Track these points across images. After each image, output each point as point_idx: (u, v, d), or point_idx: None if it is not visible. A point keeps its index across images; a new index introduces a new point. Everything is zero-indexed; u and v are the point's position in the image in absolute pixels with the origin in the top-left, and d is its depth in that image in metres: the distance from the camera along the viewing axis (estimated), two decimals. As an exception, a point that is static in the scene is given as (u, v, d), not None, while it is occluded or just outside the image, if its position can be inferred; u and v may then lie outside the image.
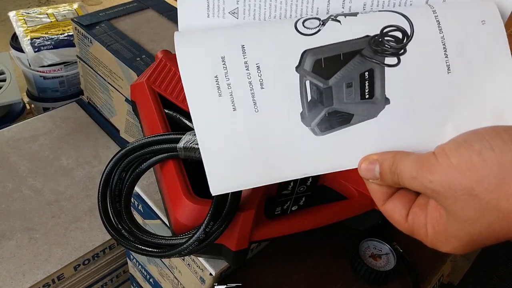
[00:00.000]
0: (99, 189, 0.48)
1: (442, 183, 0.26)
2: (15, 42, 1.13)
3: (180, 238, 0.44)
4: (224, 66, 0.31)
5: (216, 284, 0.55)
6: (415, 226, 0.30)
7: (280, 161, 0.31)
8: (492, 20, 0.30)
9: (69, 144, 0.89)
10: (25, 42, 1.07)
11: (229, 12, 0.33)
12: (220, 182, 0.32)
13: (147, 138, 0.47)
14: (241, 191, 0.45)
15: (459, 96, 0.30)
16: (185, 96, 0.32)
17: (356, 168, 0.53)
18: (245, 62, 0.31)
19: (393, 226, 0.66)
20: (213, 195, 0.32)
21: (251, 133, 0.31)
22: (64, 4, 1.24)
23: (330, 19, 0.31)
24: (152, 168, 0.50)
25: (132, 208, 0.51)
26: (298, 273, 0.59)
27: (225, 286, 0.55)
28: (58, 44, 1.08)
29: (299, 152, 0.31)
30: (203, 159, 0.32)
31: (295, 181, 0.51)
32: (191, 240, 0.42)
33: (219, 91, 0.31)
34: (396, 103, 0.31)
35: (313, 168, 0.31)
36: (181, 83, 0.60)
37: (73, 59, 1.09)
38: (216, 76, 0.31)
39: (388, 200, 0.31)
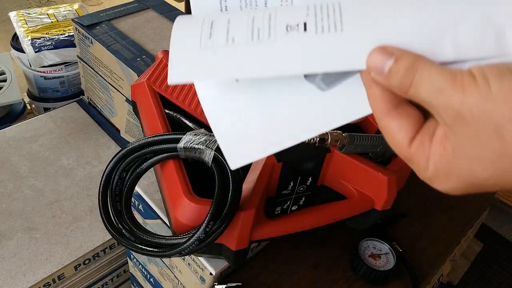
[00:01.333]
0: (99, 189, 0.48)
1: (473, 108, 0.22)
2: (15, 43, 1.13)
3: (180, 238, 0.44)
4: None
5: (216, 283, 0.55)
6: (415, 155, 0.25)
7: (292, 124, 0.30)
8: None
9: (70, 144, 0.90)
10: (25, 43, 1.07)
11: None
12: (237, 156, 0.31)
13: (148, 138, 0.47)
14: (240, 191, 0.45)
15: None
16: (185, 96, 0.32)
17: (355, 167, 0.53)
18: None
19: (392, 226, 0.67)
20: (232, 169, 0.31)
21: (258, 101, 0.31)
22: (64, 5, 1.24)
23: None
24: (152, 168, 0.50)
25: (132, 208, 0.51)
26: (298, 272, 0.60)
27: (225, 285, 0.55)
28: (59, 45, 1.08)
29: (310, 111, 0.29)
30: (215, 136, 0.31)
31: (295, 181, 0.51)
32: (191, 240, 0.42)
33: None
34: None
35: (327, 123, 0.29)
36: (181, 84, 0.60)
37: (74, 59, 1.09)
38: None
39: (391, 114, 0.25)
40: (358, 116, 0.28)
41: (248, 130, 0.31)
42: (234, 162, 0.31)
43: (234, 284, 0.55)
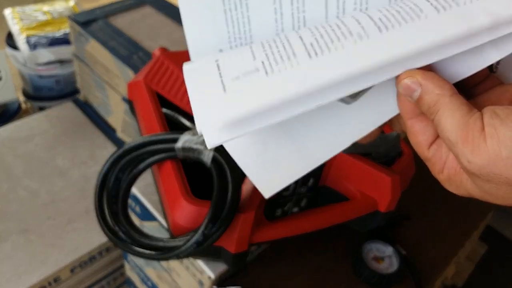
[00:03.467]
0: (95, 190, 0.48)
1: (480, 169, 0.24)
2: (10, 40, 1.12)
3: (178, 240, 0.44)
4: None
5: (215, 287, 0.54)
6: (433, 158, 0.27)
7: (321, 142, 0.30)
8: None
9: (65, 144, 0.89)
10: (20, 40, 1.06)
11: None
12: (269, 184, 0.31)
13: (145, 138, 0.47)
14: (240, 192, 0.45)
15: None
16: (183, 95, 0.31)
17: (358, 168, 0.52)
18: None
19: (396, 228, 0.66)
20: (266, 198, 0.31)
21: (282, 127, 0.30)
22: (60, 1, 1.23)
23: None
24: (149, 168, 0.49)
25: (129, 210, 0.50)
26: (299, 276, 0.59)
27: (225, 289, 0.54)
28: (54, 42, 1.07)
29: (338, 125, 0.30)
30: (245, 173, 0.31)
31: (295, 181, 0.50)
32: (189, 243, 0.42)
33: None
34: None
35: (356, 134, 0.29)
36: (179, 81, 0.59)
37: (69, 57, 1.08)
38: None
39: (418, 117, 0.28)
40: (385, 120, 0.29)
41: (276, 157, 0.30)
42: (267, 191, 0.31)
43: (233, 288, 0.55)
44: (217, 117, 0.26)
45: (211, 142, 0.26)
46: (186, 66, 0.29)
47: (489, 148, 0.23)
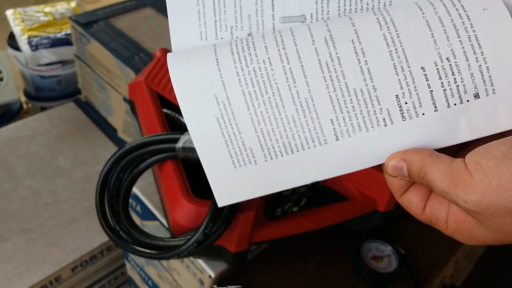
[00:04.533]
0: (97, 190, 0.48)
1: (478, 204, 0.24)
2: (12, 41, 1.12)
3: (179, 240, 0.44)
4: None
5: (216, 286, 0.54)
6: (433, 218, 0.29)
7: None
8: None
9: (67, 144, 0.89)
10: (22, 41, 1.07)
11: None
12: (225, 197, 0.33)
13: (145, 138, 0.47)
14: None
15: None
16: None
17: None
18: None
19: (395, 227, 0.66)
20: (219, 206, 0.33)
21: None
22: (61, 2, 1.23)
23: None
24: (150, 168, 0.49)
25: (130, 209, 0.50)
26: (298, 275, 0.59)
27: (225, 288, 0.54)
28: (56, 43, 1.07)
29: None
30: (206, 174, 0.32)
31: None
32: (190, 242, 0.42)
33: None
34: None
35: (327, 172, 0.31)
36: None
37: (71, 58, 1.08)
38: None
39: (404, 195, 0.31)
40: (366, 166, 0.31)
41: (242, 171, 0.31)
42: (222, 201, 0.33)
43: (233, 287, 0.55)
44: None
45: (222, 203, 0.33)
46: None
47: (477, 181, 0.24)
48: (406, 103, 0.29)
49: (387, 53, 0.29)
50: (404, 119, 0.29)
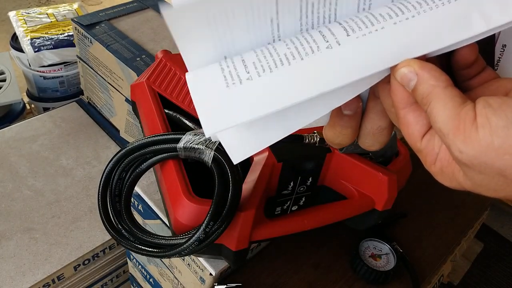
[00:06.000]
0: (99, 189, 0.48)
1: (472, 160, 0.23)
2: (15, 42, 1.13)
3: (180, 238, 0.44)
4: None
5: (216, 284, 0.55)
6: (426, 149, 0.27)
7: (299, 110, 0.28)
8: None
9: (69, 144, 0.89)
10: (25, 42, 1.07)
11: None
12: (239, 150, 0.28)
13: (147, 138, 0.47)
14: (240, 191, 0.45)
15: None
16: (185, 96, 0.32)
17: (356, 168, 0.53)
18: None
19: (393, 226, 0.66)
20: (235, 163, 0.28)
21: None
22: (64, 4, 1.24)
23: None
24: (152, 168, 0.49)
25: (132, 208, 0.51)
26: (298, 273, 0.59)
27: (225, 286, 0.55)
28: (58, 44, 1.07)
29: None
30: (220, 140, 0.29)
31: (295, 181, 0.51)
32: (191, 240, 0.42)
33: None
34: None
35: (340, 79, 0.26)
36: (181, 83, 0.60)
37: (73, 59, 1.09)
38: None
39: (411, 107, 0.27)
40: (378, 70, 0.27)
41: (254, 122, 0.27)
42: (237, 158, 0.28)
43: (234, 285, 0.55)
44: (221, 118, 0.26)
45: (209, 132, 0.26)
46: (189, 75, 0.28)
47: (480, 137, 0.23)
48: None
49: None
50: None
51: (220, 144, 0.29)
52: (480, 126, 0.23)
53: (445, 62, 0.29)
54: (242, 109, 0.26)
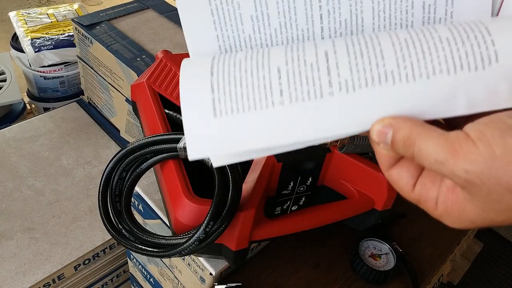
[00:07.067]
0: (99, 189, 0.48)
1: (480, 175, 0.22)
2: (15, 42, 1.13)
3: (180, 238, 0.44)
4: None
5: (216, 283, 0.55)
6: (422, 198, 0.27)
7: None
8: None
9: (70, 144, 0.90)
10: (25, 42, 1.07)
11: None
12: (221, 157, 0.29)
13: (148, 138, 0.47)
14: (240, 191, 0.45)
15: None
16: None
17: (355, 168, 0.53)
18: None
19: (393, 226, 0.66)
20: (215, 167, 0.30)
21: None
22: (64, 4, 1.24)
23: None
24: (152, 168, 0.50)
25: (132, 208, 0.51)
26: (298, 272, 0.60)
27: (225, 286, 0.55)
28: (59, 44, 1.08)
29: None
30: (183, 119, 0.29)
31: (295, 181, 0.51)
32: (191, 240, 0.42)
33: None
34: None
35: (317, 134, 0.27)
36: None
37: (74, 59, 1.09)
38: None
39: (392, 168, 0.27)
40: (355, 132, 0.27)
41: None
42: (217, 162, 0.29)
43: (234, 284, 0.55)
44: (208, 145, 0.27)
45: (192, 156, 0.27)
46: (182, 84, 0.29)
47: (481, 150, 0.22)
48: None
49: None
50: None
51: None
52: (477, 140, 0.22)
53: None
54: (227, 141, 0.27)
